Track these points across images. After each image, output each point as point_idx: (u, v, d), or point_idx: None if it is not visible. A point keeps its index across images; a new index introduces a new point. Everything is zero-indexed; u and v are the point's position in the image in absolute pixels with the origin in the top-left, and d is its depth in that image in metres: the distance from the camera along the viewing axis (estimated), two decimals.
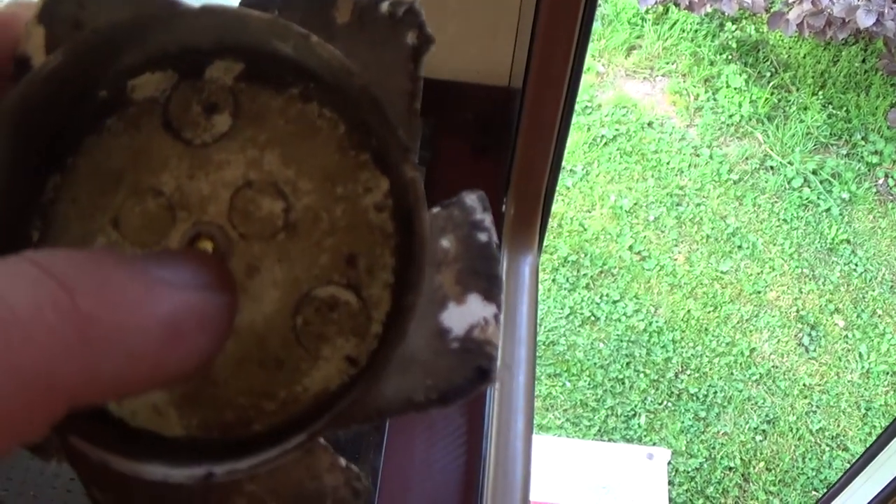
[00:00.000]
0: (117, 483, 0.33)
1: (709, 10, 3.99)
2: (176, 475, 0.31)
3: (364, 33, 0.34)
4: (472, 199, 0.35)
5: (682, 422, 3.17)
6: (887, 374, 3.31)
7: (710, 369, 3.28)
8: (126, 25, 0.32)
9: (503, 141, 1.29)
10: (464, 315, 0.33)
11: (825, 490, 2.96)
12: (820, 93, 3.94)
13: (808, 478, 3.12)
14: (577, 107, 3.69)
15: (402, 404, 0.33)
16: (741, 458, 3.13)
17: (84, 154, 0.34)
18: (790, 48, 4.05)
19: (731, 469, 3.11)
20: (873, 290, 3.48)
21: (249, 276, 0.34)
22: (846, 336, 3.38)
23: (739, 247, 3.53)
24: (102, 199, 0.34)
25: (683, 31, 4.07)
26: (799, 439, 3.18)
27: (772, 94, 3.92)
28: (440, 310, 0.33)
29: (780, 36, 4.02)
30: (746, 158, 3.76)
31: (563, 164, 3.45)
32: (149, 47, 0.33)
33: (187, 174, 0.34)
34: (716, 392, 3.23)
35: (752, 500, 3.08)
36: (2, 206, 0.32)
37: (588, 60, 3.96)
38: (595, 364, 3.25)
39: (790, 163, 3.75)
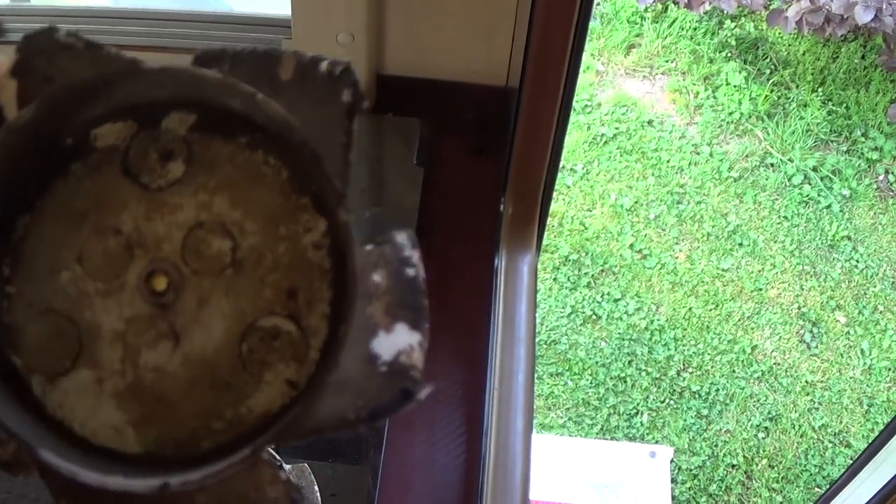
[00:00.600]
0: (84, 495, 0.35)
1: (708, 7, 3.99)
2: (135, 485, 0.33)
3: (305, 90, 0.37)
4: (402, 237, 0.38)
5: (685, 420, 3.17)
6: (889, 370, 3.31)
7: (712, 367, 3.28)
8: (93, 80, 0.35)
9: (501, 141, 1.30)
10: (392, 342, 0.36)
11: (828, 487, 2.96)
12: (819, 89, 3.94)
13: (811, 475, 3.12)
14: (576, 105, 3.70)
15: (336, 422, 0.36)
16: (744, 456, 3.13)
17: (51, 196, 0.37)
18: (789, 45, 4.05)
19: (733, 466, 3.12)
20: (874, 287, 3.48)
21: (200, 308, 0.37)
22: (848, 333, 3.38)
23: (740, 244, 3.53)
24: (67, 237, 0.37)
25: (682, 29, 4.08)
26: (801, 436, 3.18)
27: (771, 91, 3.93)
28: (371, 337, 0.36)
29: (780, 33, 4.02)
30: (747, 156, 3.76)
31: (564, 163, 3.46)
32: (112, 100, 0.36)
33: (144, 216, 0.37)
34: (718, 390, 3.23)
35: (754, 497, 3.08)
36: None
37: (587, 59, 3.97)
38: (597, 363, 3.26)
39: (790, 160, 3.75)
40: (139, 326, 0.37)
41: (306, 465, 0.83)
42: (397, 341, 0.36)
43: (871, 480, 2.40)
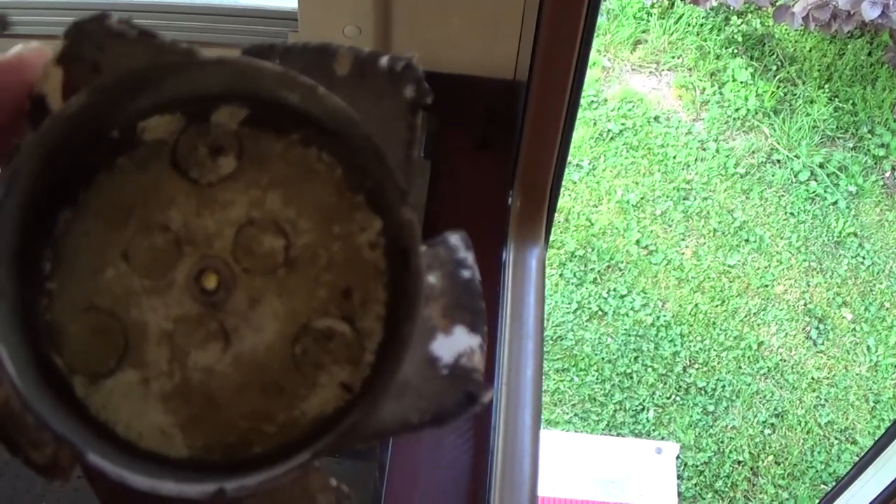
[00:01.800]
0: (132, 500, 0.34)
1: (714, 3, 3.98)
2: (189, 491, 0.32)
3: (363, 85, 0.36)
4: (455, 238, 0.37)
5: (691, 416, 3.17)
6: (895, 366, 3.31)
7: (719, 363, 3.27)
8: (147, 71, 0.34)
9: (508, 134, 1.30)
10: (451, 345, 0.36)
11: (834, 483, 2.96)
12: (826, 86, 3.93)
13: (817, 471, 3.11)
14: (583, 101, 3.69)
15: (399, 426, 0.35)
16: (750, 452, 3.13)
17: (95, 190, 0.36)
18: (796, 41, 4.04)
19: (739, 463, 3.11)
20: (881, 283, 3.48)
21: (251, 308, 0.36)
22: (854, 329, 3.38)
23: (747, 240, 3.53)
24: (112, 233, 0.36)
25: (689, 25, 4.07)
26: (807, 433, 3.18)
27: (778, 87, 3.92)
28: (430, 340, 0.36)
29: (786, 29, 4.01)
30: (753, 152, 3.75)
31: (570, 158, 3.45)
32: (162, 92, 0.35)
33: (194, 212, 0.36)
34: (724, 386, 3.23)
35: (760, 493, 3.08)
36: (18, 239, 0.34)
37: (594, 55, 3.96)
38: (603, 359, 3.25)
39: (797, 156, 3.75)
40: (188, 326, 0.36)
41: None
42: (457, 344, 0.36)
43: (877, 477, 2.40)
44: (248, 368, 0.36)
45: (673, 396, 3.21)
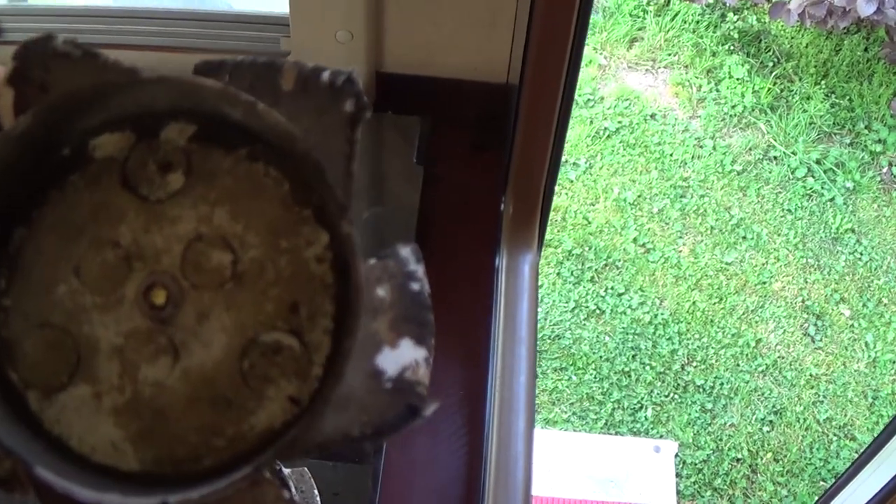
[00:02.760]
0: None
1: (710, 0, 3.98)
2: (134, 503, 0.33)
3: (307, 100, 0.36)
4: (406, 251, 0.38)
5: (689, 414, 3.16)
6: (894, 362, 3.31)
7: (717, 361, 3.27)
8: (91, 90, 0.34)
9: (501, 138, 1.29)
10: (397, 358, 0.36)
11: (833, 480, 2.96)
12: (822, 82, 3.93)
13: (816, 468, 3.11)
14: (579, 100, 3.70)
15: (340, 439, 0.35)
16: (748, 450, 3.13)
17: (48, 207, 0.36)
18: (792, 38, 4.04)
19: (738, 460, 3.11)
20: (879, 279, 3.48)
21: (200, 323, 0.36)
22: (852, 325, 3.38)
23: (744, 238, 3.53)
24: (65, 249, 0.36)
25: (685, 22, 4.07)
26: (806, 429, 3.18)
27: (774, 84, 3.92)
28: (375, 353, 0.36)
29: (782, 26, 4.01)
30: (750, 149, 3.75)
31: (567, 157, 3.45)
32: (110, 110, 0.35)
33: (143, 228, 0.36)
34: (722, 384, 3.23)
35: (759, 491, 3.08)
36: None
37: (590, 53, 3.96)
38: (601, 357, 3.25)
39: (794, 153, 3.74)
40: (138, 341, 0.36)
41: (306, 469, 0.83)
42: (402, 357, 0.36)
43: (876, 474, 2.39)
44: (197, 382, 0.36)
45: (671, 394, 3.21)
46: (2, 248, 0.36)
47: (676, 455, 3.04)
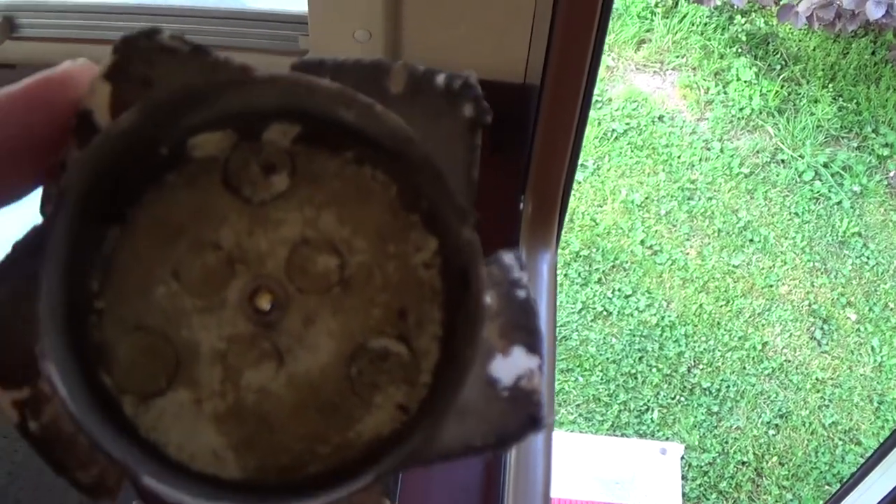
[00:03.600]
0: None
1: (718, 2, 3.99)
2: None
3: (418, 104, 0.35)
4: (509, 258, 0.36)
5: (695, 416, 3.17)
6: None
7: (723, 364, 3.27)
8: (201, 88, 0.33)
9: (518, 138, 1.29)
10: (510, 367, 0.34)
11: (838, 484, 2.96)
12: (830, 85, 3.93)
13: (821, 472, 3.11)
14: None
15: (462, 449, 0.34)
16: (754, 453, 3.13)
17: (144, 207, 0.35)
18: (800, 41, 4.04)
19: (744, 463, 3.11)
20: (885, 283, 3.48)
21: (306, 328, 0.35)
22: (858, 329, 3.38)
23: (751, 240, 3.53)
24: (162, 251, 0.35)
25: (693, 24, 4.07)
26: (812, 433, 3.18)
27: (782, 86, 3.92)
28: (488, 361, 0.35)
29: (790, 28, 4.01)
30: (757, 152, 3.75)
31: None
32: (214, 109, 0.34)
33: (246, 230, 0.35)
34: (728, 386, 3.23)
35: (765, 494, 3.08)
36: (67, 256, 0.33)
37: None
38: (607, 359, 3.25)
39: (801, 156, 3.75)
40: (241, 345, 0.35)
41: None
42: (516, 365, 0.34)
43: (883, 479, 2.40)
44: (303, 389, 0.35)
45: (677, 397, 3.21)
46: (95, 250, 0.35)
47: (682, 457, 3.04)
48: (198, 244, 0.35)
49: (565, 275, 3.41)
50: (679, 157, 3.73)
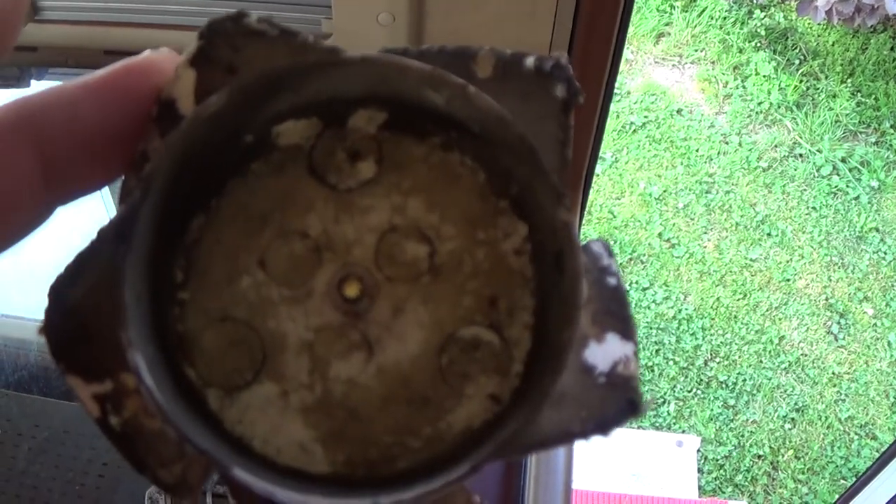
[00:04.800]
0: None
1: None
2: None
3: (507, 87, 0.34)
4: (598, 245, 0.35)
5: (712, 409, 3.16)
6: None
7: (740, 357, 3.27)
8: (288, 70, 0.33)
9: None
10: (605, 353, 0.34)
11: (854, 479, 2.96)
12: (849, 80, 3.92)
13: (837, 466, 3.11)
14: None
15: (561, 435, 0.33)
16: (770, 447, 3.13)
17: (228, 196, 0.35)
18: (819, 35, 4.03)
19: (759, 457, 3.11)
20: None
21: (395, 317, 0.35)
22: (875, 324, 3.37)
23: (769, 234, 3.52)
24: (247, 240, 0.35)
25: (712, 18, 4.06)
26: (828, 428, 3.17)
27: (801, 81, 3.91)
28: (582, 348, 0.34)
29: (809, 23, 4.00)
30: (775, 146, 3.75)
31: None
32: (301, 94, 0.34)
33: (333, 218, 0.35)
34: (745, 380, 3.23)
35: (780, 488, 3.08)
36: (151, 245, 0.33)
37: None
38: None
39: (819, 150, 3.74)
40: (329, 336, 0.34)
41: None
42: (611, 351, 0.34)
43: None
44: (393, 380, 0.35)
45: (694, 390, 3.21)
46: (178, 239, 0.34)
47: (699, 450, 3.04)
48: (284, 233, 0.35)
49: None
50: (697, 150, 3.72)
